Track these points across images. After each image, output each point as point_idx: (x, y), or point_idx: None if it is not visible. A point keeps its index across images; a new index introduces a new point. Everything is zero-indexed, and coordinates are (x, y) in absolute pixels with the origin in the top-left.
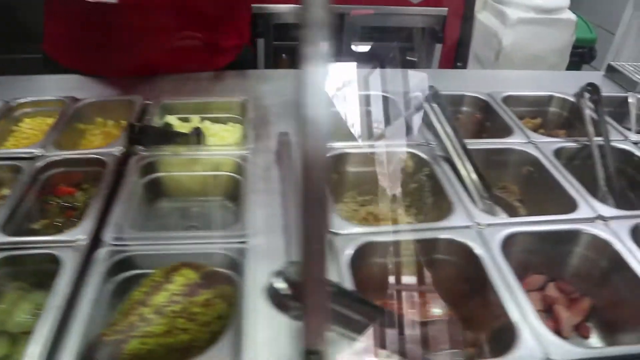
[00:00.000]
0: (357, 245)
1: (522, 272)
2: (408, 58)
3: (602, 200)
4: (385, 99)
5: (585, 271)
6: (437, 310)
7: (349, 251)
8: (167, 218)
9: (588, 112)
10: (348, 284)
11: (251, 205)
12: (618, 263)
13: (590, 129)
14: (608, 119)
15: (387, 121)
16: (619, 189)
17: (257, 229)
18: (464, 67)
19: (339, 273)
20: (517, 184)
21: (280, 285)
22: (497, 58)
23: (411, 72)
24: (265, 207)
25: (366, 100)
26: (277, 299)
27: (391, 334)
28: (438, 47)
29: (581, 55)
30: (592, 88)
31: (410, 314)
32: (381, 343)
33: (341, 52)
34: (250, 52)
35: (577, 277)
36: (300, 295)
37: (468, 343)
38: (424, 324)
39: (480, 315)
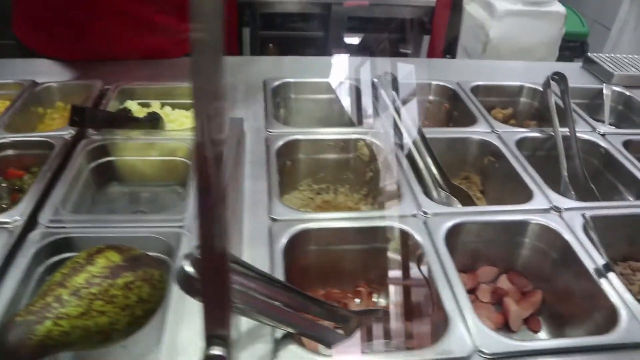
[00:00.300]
0: (295, 232)
1: (473, 263)
2: (401, 50)
3: (564, 191)
4: (347, 87)
5: (538, 263)
6: (381, 300)
7: (284, 238)
8: (115, 202)
9: (553, 102)
10: (279, 272)
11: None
12: (568, 255)
13: (555, 119)
14: (578, 109)
15: (347, 108)
16: (582, 181)
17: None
18: (453, 59)
19: (272, 260)
20: (480, 175)
21: (189, 268)
22: (484, 50)
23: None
24: None
25: (329, 88)
26: (186, 282)
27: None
28: (426, 39)
29: (572, 49)
30: (559, 77)
31: (353, 304)
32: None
33: (327, 43)
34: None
35: (529, 269)
36: None
37: (406, 333)
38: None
39: (418, 305)
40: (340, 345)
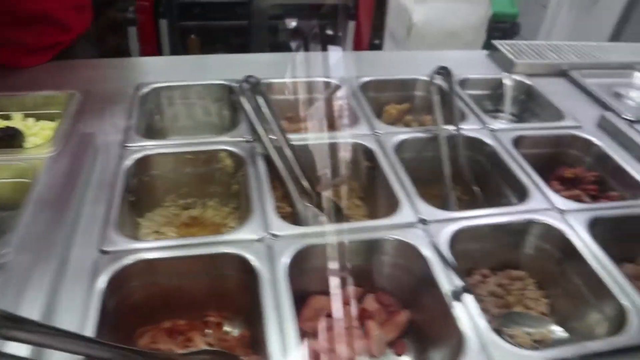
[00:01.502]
0: (121, 266)
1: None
2: (328, 33)
3: (446, 197)
4: (222, 91)
5: (402, 282)
6: (235, 329)
7: (107, 274)
8: None
9: (437, 99)
10: (93, 315)
11: (29, 217)
12: (428, 273)
13: (439, 117)
14: (471, 103)
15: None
16: (467, 184)
17: (24, 247)
18: (381, 45)
19: (87, 302)
20: (358, 181)
21: None
22: (408, 35)
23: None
24: (44, 222)
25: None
26: None
27: None
28: (351, 25)
29: (503, 30)
30: (444, 71)
31: (201, 336)
32: None
33: (251, 31)
34: (91, 40)
35: (397, 289)
36: None
37: None
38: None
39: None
40: None
